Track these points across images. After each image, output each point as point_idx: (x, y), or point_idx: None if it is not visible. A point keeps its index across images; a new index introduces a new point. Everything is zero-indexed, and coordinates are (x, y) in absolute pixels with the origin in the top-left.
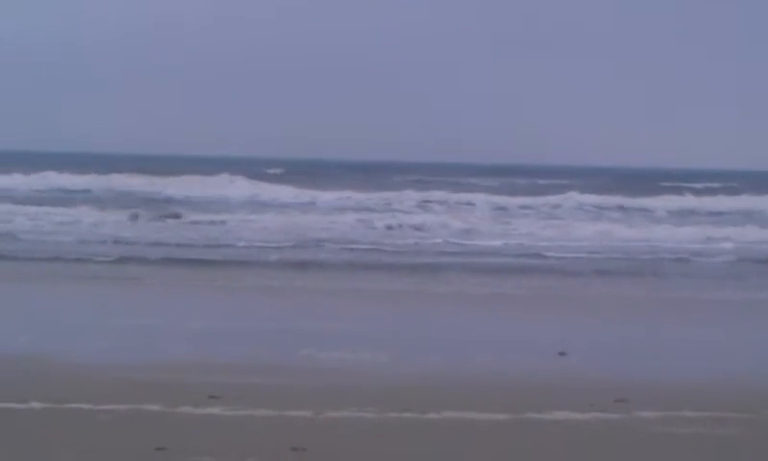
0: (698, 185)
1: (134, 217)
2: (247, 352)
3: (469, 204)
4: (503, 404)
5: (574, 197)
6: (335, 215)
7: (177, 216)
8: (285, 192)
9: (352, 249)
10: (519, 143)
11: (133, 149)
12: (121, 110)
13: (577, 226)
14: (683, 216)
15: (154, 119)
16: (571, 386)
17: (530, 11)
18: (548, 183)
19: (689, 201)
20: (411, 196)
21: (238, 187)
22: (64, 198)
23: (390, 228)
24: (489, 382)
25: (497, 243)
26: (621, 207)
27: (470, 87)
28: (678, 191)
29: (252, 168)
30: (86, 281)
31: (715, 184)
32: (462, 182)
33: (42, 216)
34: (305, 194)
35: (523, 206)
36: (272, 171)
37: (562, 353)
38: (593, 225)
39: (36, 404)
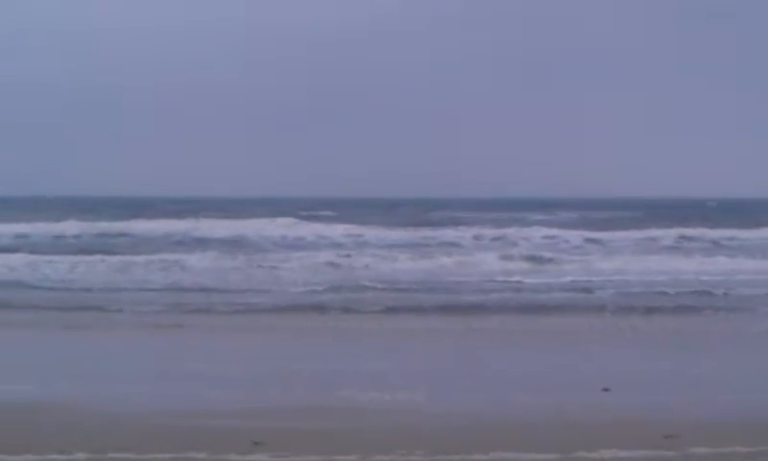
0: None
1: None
2: (288, 396)
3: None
4: (549, 444)
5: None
6: (389, 251)
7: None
8: (337, 230)
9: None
10: (568, 175)
11: (171, 192)
12: (156, 155)
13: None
14: (736, 248)
15: (189, 162)
16: (618, 423)
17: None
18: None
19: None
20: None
21: (299, 228)
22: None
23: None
24: (534, 421)
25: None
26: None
27: (503, 118)
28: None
29: (298, 208)
30: (130, 328)
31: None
32: (515, 217)
33: (96, 264)
34: (355, 231)
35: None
36: (324, 212)
37: (606, 390)
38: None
39: (80, 455)
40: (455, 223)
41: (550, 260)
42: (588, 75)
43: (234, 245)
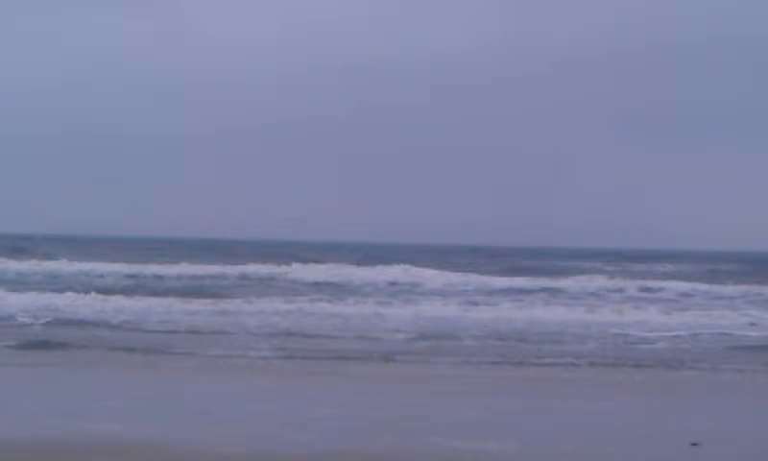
0: None
1: None
2: (372, 441)
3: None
4: None
5: None
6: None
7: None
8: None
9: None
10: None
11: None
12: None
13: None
14: None
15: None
16: None
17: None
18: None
19: None
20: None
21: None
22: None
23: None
24: None
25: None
26: None
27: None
28: None
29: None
30: (193, 368)
31: None
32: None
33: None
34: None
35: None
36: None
37: (694, 444)
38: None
39: None
40: (565, 272)
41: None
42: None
43: (345, 290)
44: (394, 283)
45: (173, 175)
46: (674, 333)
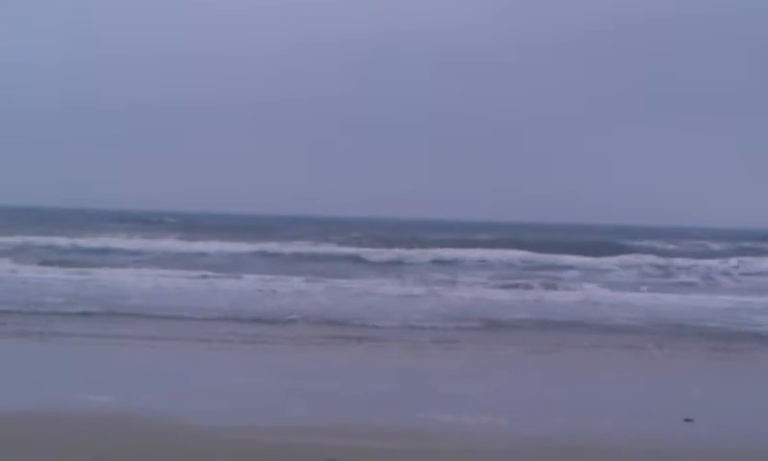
0: None
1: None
2: (363, 415)
3: None
4: None
5: None
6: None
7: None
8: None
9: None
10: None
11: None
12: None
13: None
14: None
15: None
16: (699, 455)
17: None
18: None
19: None
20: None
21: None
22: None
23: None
24: (613, 447)
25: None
26: None
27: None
28: None
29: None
30: (204, 342)
31: None
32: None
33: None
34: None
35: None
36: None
37: (688, 420)
38: None
39: None
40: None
41: None
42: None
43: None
44: None
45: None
46: None
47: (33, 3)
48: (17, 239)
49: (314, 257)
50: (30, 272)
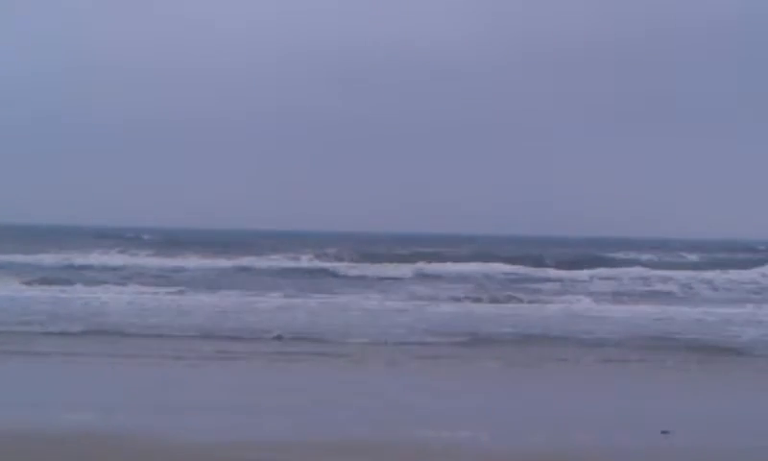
0: None
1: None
2: (349, 430)
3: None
4: None
5: None
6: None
7: None
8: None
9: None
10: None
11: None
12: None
13: None
14: None
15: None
16: None
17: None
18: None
19: None
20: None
21: None
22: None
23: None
24: (591, 460)
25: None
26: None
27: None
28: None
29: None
30: (183, 359)
31: None
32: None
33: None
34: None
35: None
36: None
37: (665, 432)
38: None
39: None
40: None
41: None
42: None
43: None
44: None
45: (168, 165)
46: None
47: (27, 16)
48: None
49: (294, 273)
50: (9, 291)
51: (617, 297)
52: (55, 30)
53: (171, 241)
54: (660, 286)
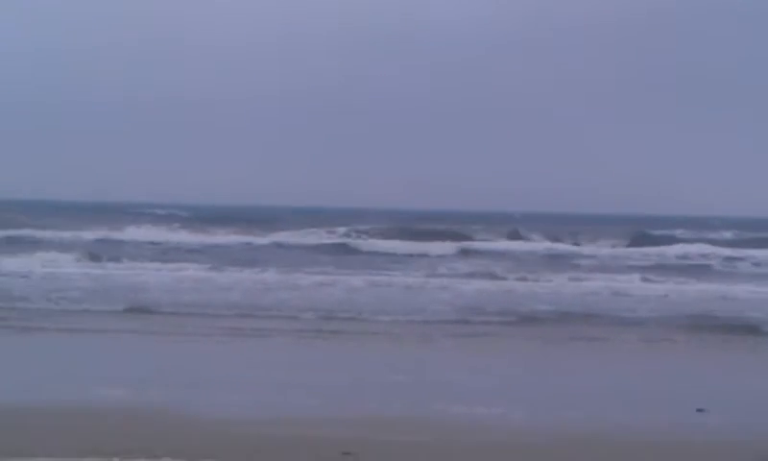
0: None
1: None
2: (378, 407)
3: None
4: None
5: None
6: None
7: None
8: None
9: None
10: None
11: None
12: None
13: None
14: None
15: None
16: (710, 446)
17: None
18: None
19: None
20: None
21: None
22: None
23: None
24: (626, 439)
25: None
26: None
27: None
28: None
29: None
30: (217, 336)
31: None
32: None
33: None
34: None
35: None
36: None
37: (700, 410)
38: None
39: (167, 460)
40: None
41: None
42: None
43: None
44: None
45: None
46: None
47: None
48: (44, 233)
49: (331, 249)
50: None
51: (660, 274)
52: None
53: (204, 218)
54: (700, 262)
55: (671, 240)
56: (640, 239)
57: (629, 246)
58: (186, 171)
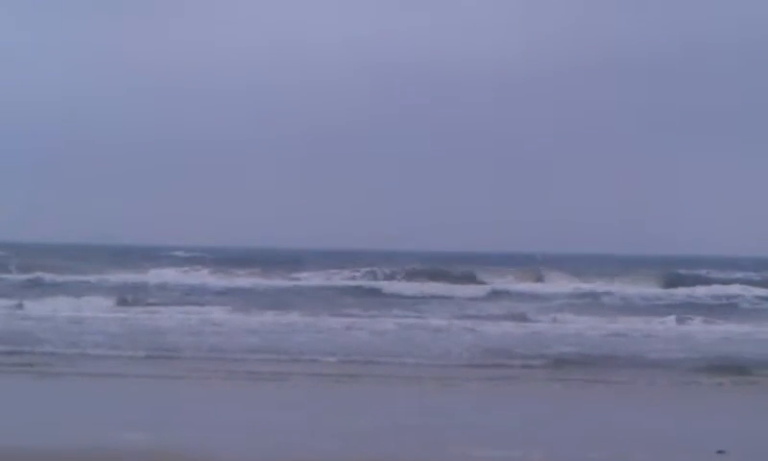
0: None
1: None
2: (393, 450)
3: None
4: None
5: None
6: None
7: None
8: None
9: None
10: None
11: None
12: None
13: None
14: None
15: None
16: None
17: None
18: None
19: None
20: None
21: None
22: None
23: None
24: None
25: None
26: None
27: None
28: None
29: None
30: (237, 379)
31: None
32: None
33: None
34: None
35: None
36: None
37: (720, 452)
38: None
39: None
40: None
41: None
42: None
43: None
44: None
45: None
46: None
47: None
48: (65, 277)
49: (354, 291)
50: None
51: (693, 314)
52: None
53: (226, 260)
54: (734, 303)
55: (703, 280)
56: (673, 280)
57: (662, 287)
58: (207, 215)
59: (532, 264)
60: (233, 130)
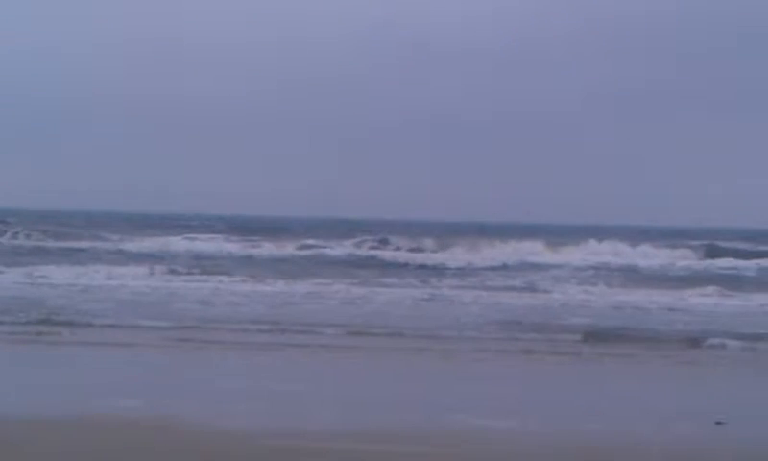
0: None
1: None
2: (395, 419)
3: None
4: None
5: None
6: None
7: None
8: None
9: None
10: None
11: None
12: None
13: None
14: None
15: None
16: (730, 458)
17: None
18: None
19: None
20: None
21: None
22: None
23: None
24: (644, 450)
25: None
26: None
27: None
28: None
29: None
30: (236, 347)
31: None
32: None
33: None
34: None
35: None
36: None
37: (719, 423)
38: None
39: None
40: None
41: None
42: None
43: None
44: None
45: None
46: None
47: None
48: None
49: (370, 261)
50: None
51: (730, 288)
52: None
53: (235, 229)
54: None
55: (743, 254)
56: (711, 251)
57: (701, 258)
58: (222, 182)
59: (568, 234)
60: (235, 98)
